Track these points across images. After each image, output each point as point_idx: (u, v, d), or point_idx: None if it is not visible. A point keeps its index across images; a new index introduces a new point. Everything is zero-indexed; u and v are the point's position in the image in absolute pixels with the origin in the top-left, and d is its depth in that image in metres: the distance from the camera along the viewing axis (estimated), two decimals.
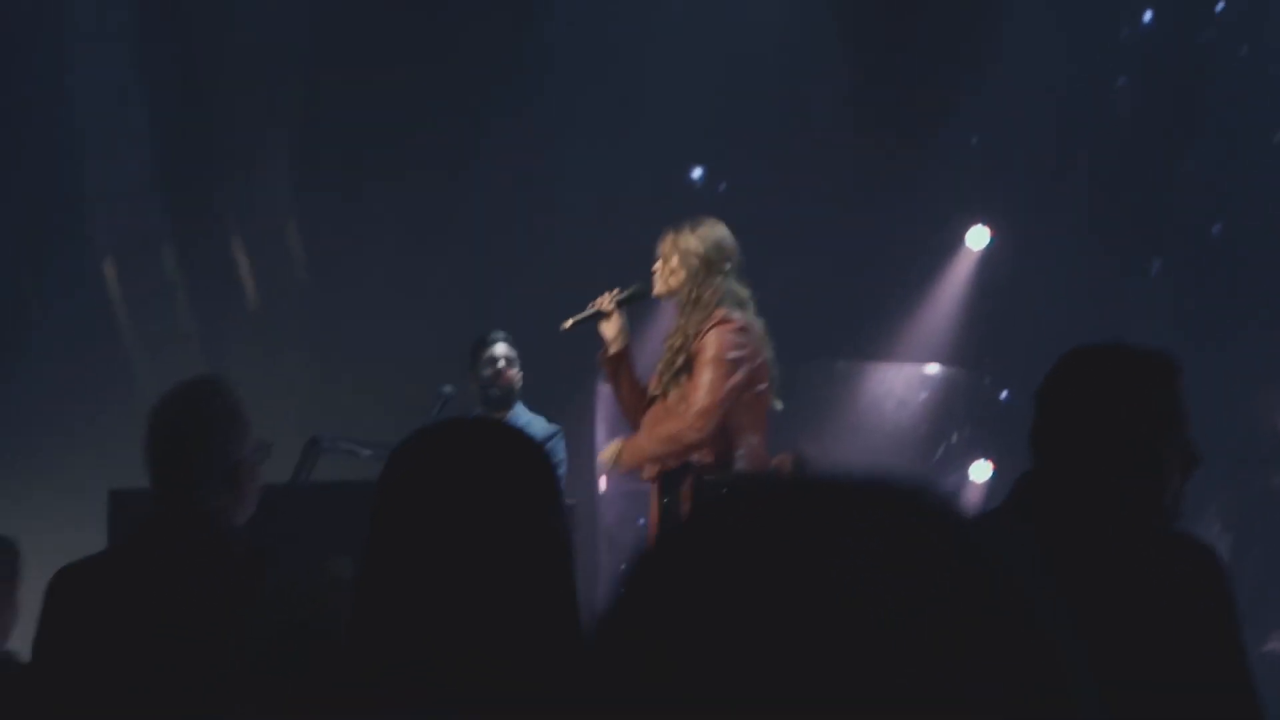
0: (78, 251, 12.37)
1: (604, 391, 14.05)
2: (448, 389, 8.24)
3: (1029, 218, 12.74)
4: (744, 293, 6.96)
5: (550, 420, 8.66)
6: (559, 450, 8.49)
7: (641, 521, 13.63)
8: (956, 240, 13.18)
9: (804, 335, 13.45)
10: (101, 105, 12.36)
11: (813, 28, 12.71)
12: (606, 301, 6.94)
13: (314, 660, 3.53)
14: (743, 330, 6.78)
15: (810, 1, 12.76)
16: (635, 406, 6.93)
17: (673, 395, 6.71)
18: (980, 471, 12.87)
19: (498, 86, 12.67)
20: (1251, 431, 11.69)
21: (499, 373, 8.51)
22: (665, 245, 6.84)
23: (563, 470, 8.54)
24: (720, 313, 6.76)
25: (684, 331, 6.75)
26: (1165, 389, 3.30)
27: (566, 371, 10.81)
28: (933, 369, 13.20)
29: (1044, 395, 3.31)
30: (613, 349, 6.96)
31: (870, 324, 13.11)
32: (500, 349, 8.59)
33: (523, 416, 8.47)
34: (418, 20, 12.56)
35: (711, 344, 6.69)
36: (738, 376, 6.69)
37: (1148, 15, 13.28)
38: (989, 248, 13.01)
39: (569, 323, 7.04)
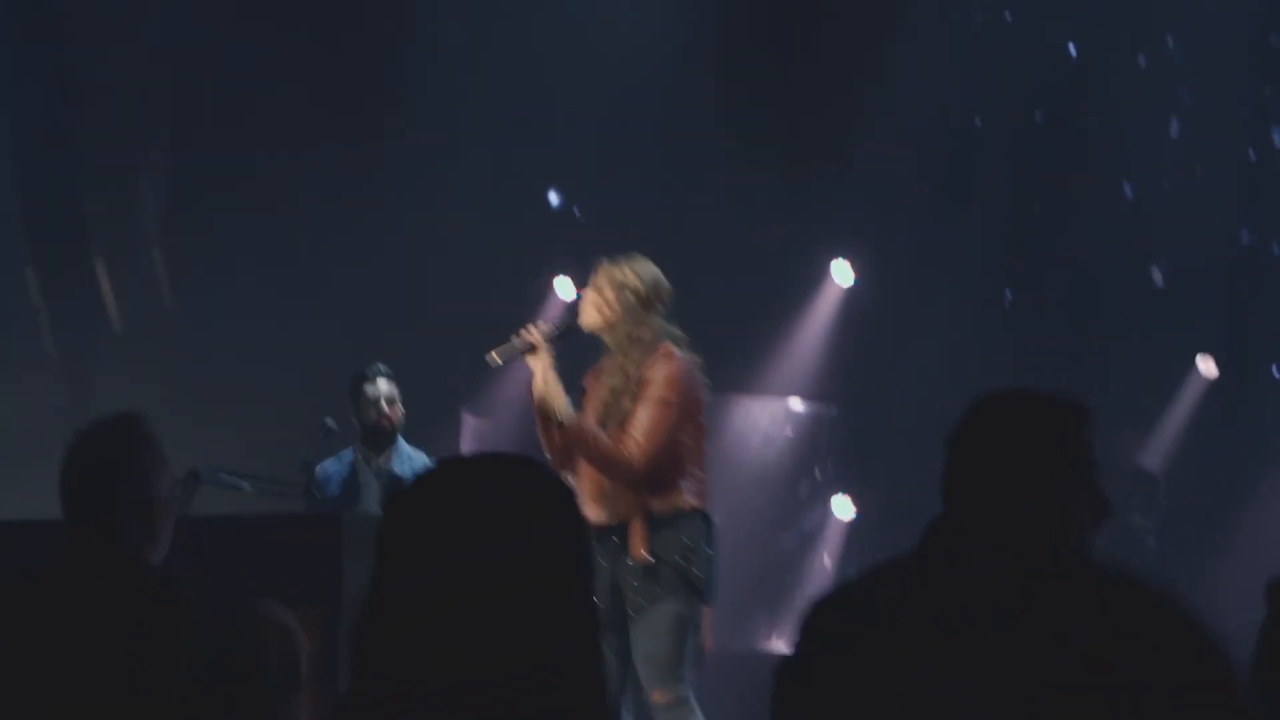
0: None
1: (469, 423, 14.06)
2: (330, 422, 8.17)
3: (894, 252, 12.85)
4: (677, 331, 6.98)
5: (430, 456, 8.60)
6: None
7: None
8: (822, 274, 13.24)
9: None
10: None
11: (692, 51, 12.72)
12: (535, 334, 6.76)
13: (238, 703, 3.52)
14: (688, 367, 6.82)
15: (693, 22, 12.75)
16: (565, 448, 6.78)
17: (612, 432, 6.68)
18: (843, 508, 12.95)
19: (374, 110, 12.64)
20: (1112, 471, 11.84)
21: (382, 413, 8.41)
22: (599, 277, 6.80)
23: None
24: (665, 347, 6.78)
25: (624, 371, 6.72)
26: (1075, 435, 3.33)
27: (431, 403, 10.80)
28: (796, 404, 13.28)
29: (954, 440, 3.34)
30: (545, 386, 6.74)
31: (736, 358, 13.14)
32: (383, 387, 8.47)
33: (405, 451, 8.41)
34: (291, 45, 12.47)
35: (659, 381, 6.70)
36: (676, 415, 6.70)
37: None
38: (856, 282, 13.08)
39: (495, 356, 6.79)
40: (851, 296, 13.09)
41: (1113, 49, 13.23)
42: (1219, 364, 13.52)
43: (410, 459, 8.38)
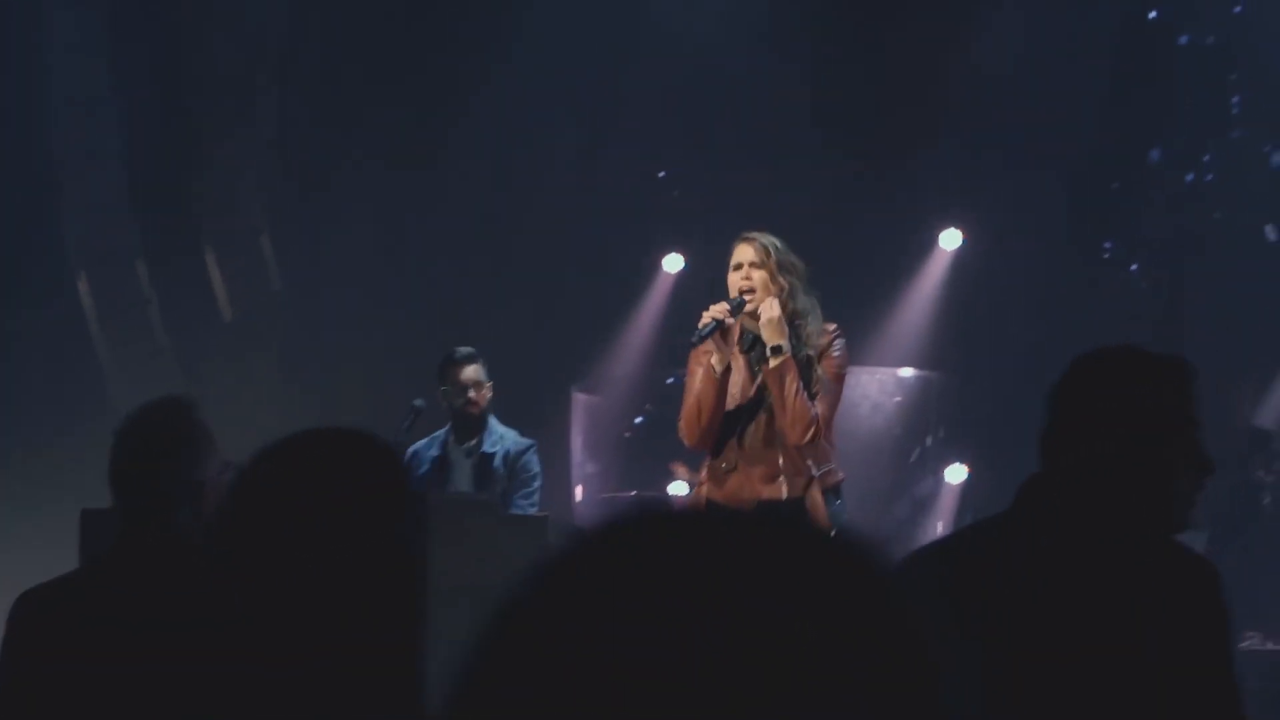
0: (52, 265, 12.35)
1: (579, 401, 14.12)
2: (419, 402, 8.21)
3: (1002, 219, 12.78)
4: None
5: (523, 434, 8.63)
6: (533, 464, 8.46)
7: None
8: (930, 243, 13.22)
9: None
10: (76, 118, 12.34)
11: (784, 34, 12.74)
12: (723, 312, 6.68)
13: None
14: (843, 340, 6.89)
15: (782, 12, 12.79)
16: (719, 431, 6.69)
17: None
18: (955, 474, 12.90)
19: (470, 93, 12.72)
20: (1227, 427, 11.72)
21: (470, 401, 8.42)
22: (755, 252, 6.78)
23: (538, 483, 8.53)
24: (833, 326, 6.89)
25: (804, 342, 6.71)
26: (1177, 393, 3.25)
27: (539, 384, 10.86)
28: (906, 372, 13.22)
29: (1054, 398, 3.28)
30: (726, 358, 6.67)
31: (842, 328, 13.10)
32: (470, 373, 8.46)
33: (496, 431, 8.43)
34: (389, 32, 12.57)
35: (837, 359, 6.85)
36: (843, 393, 6.95)
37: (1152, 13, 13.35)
38: (961, 249, 13.05)
39: (701, 336, 6.70)
40: (958, 263, 13.03)
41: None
42: None
43: (502, 437, 8.41)
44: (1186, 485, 3.29)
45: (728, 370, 6.65)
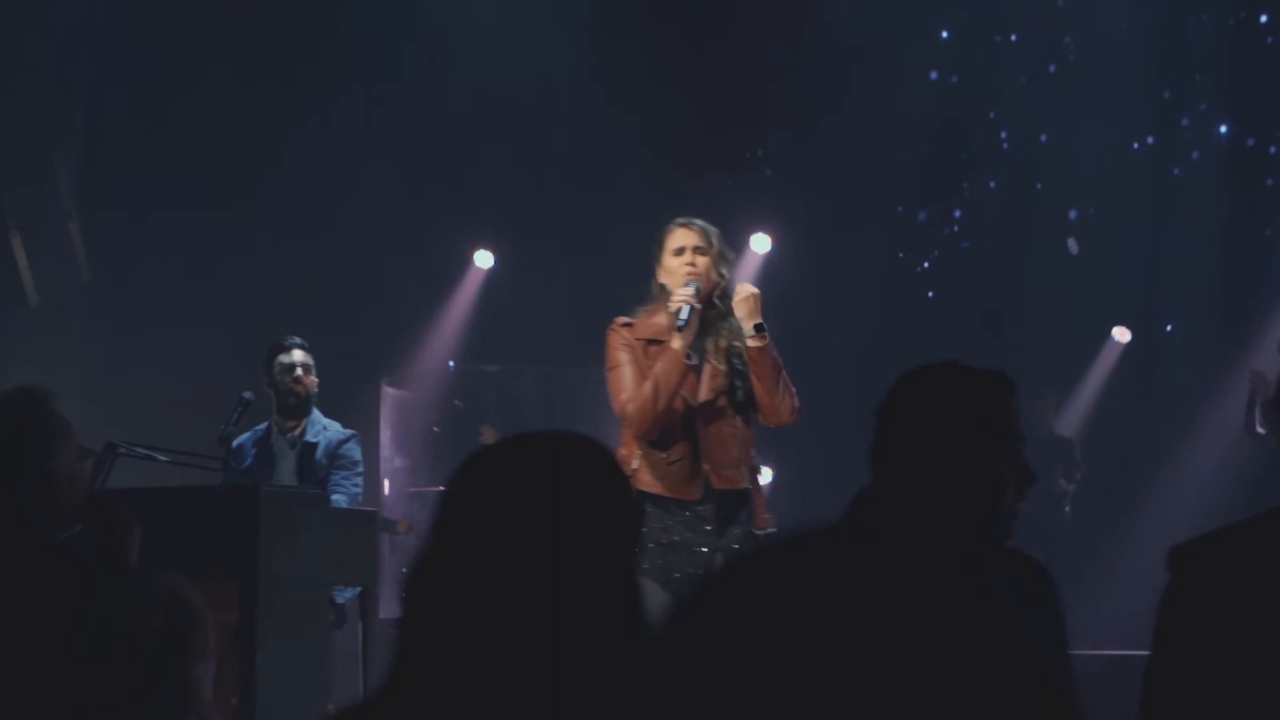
0: None
1: (388, 395, 14.08)
2: (248, 395, 8.12)
3: (810, 226, 13.02)
4: None
5: (345, 425, 8.60)
6: (355, 452, 8.43)
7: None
8: (740, 248, 13.37)
9: (595, 341, 13.63)
10: None
11: (604, 42, 12.89)
12: (692, 297, 6.22)
13: (131, 674, 3.53)
14: None
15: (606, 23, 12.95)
16: (675, 420, 6.30)
17: (743, 391, 6.32)
18: (761, 477, 13.02)
19: (289, 87, 12.68)
20: (1030, 437, 11.98)
21: (297, 380, 8.37)
22: (698, 237, 6.38)
23: (360, 469, 8.49)
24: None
25: (735, 332, 6.31)
26: (1000, 406, 3.34)
27: (349, 377, 10.82)
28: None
29: (882, 411, 3.36)
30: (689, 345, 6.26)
31: None
32: (298, 356, 8.42)
33: (319, 422, 8.39)
34: (212, 24, 12.50)
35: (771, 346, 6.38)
36: None
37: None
38: (770, 254, 13.24)
39: (680, 339, 6.19)
40: (769, 267, 13.20)
41: None
42: (1135, 330, 13.79)
43: (325, 428, 8.37)
44: (1010, 496, 3.38)
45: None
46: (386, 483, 13.25)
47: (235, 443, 8.23)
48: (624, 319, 6.46)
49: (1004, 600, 1.19)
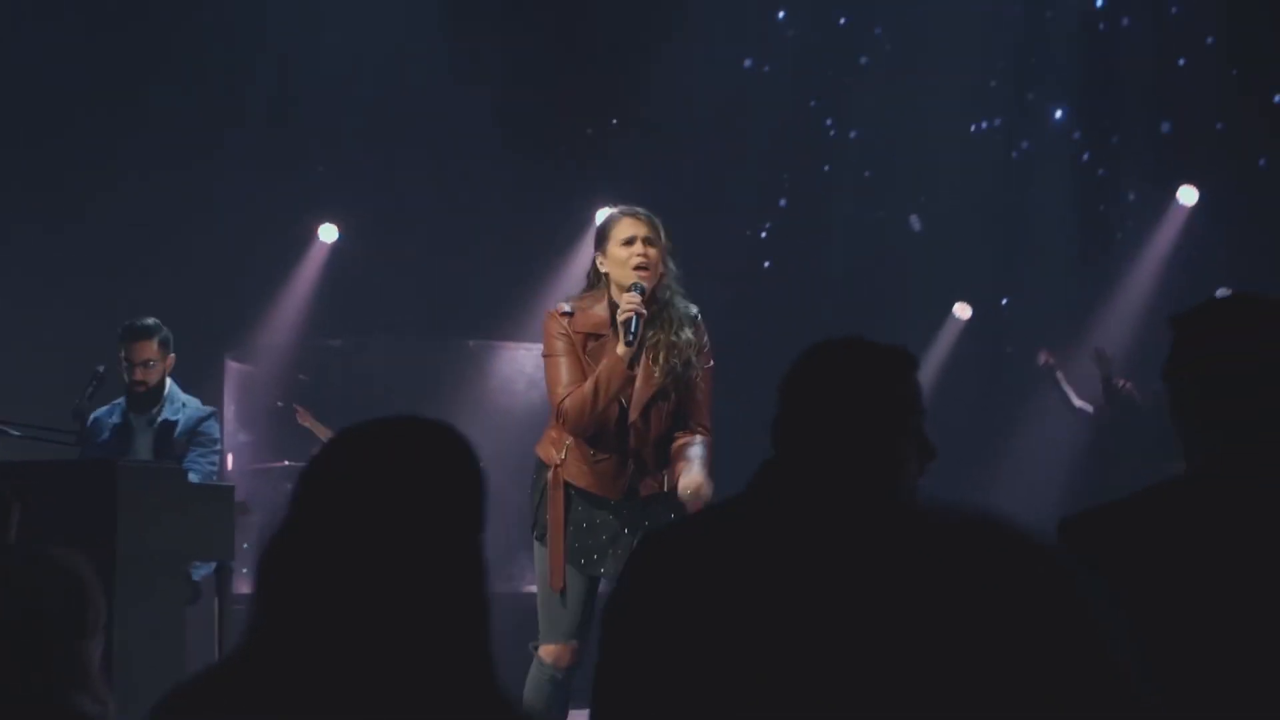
0: None
1: (232, 370, 13.96)
2: (101, 368, 8.00)
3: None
4: None
5: (203, 403, 8.50)
6: (214, 430, 8.34)
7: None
8: (587, 223, 13.41)
9: (440, 316, 13.64)
10: None
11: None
12: (639, 303, 5.99)
13: (21, 650, 3.49)
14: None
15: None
16: (608, 419, 6.10)
17: (675, 395, 6.12)
18: None
19: (143, 72, 12.57)
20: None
21: (139, 381, 8.16)
22: (648, 228, 6.11)
23: (218, 448, 8.42)
24: (695, 310, 6.22)
25: (674, 325, 6.10)
26: (901, 381, 3.39)
27: (192, 350, 10.73)
28: None
29: (784, 386, 3.40)
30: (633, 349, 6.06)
31: (502, 306, 13.29)
32: (140, 350, 8.17)
33: (178, 399, 8.28)
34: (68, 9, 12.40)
35: (708, 353, 6.19)
36: None
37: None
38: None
39: (634, 335, 5.98)
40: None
41: None
42: (977, 306, 14.02)
43: (184, 405, 8.27)
44: (911, 470, 3.44)
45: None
46: (230, 457, 13.13)
47: (91, 417, 8.12)
48: (563, 306, 6.16)
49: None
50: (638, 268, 6.01)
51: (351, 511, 2.39)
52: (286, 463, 13.70)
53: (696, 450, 6.09)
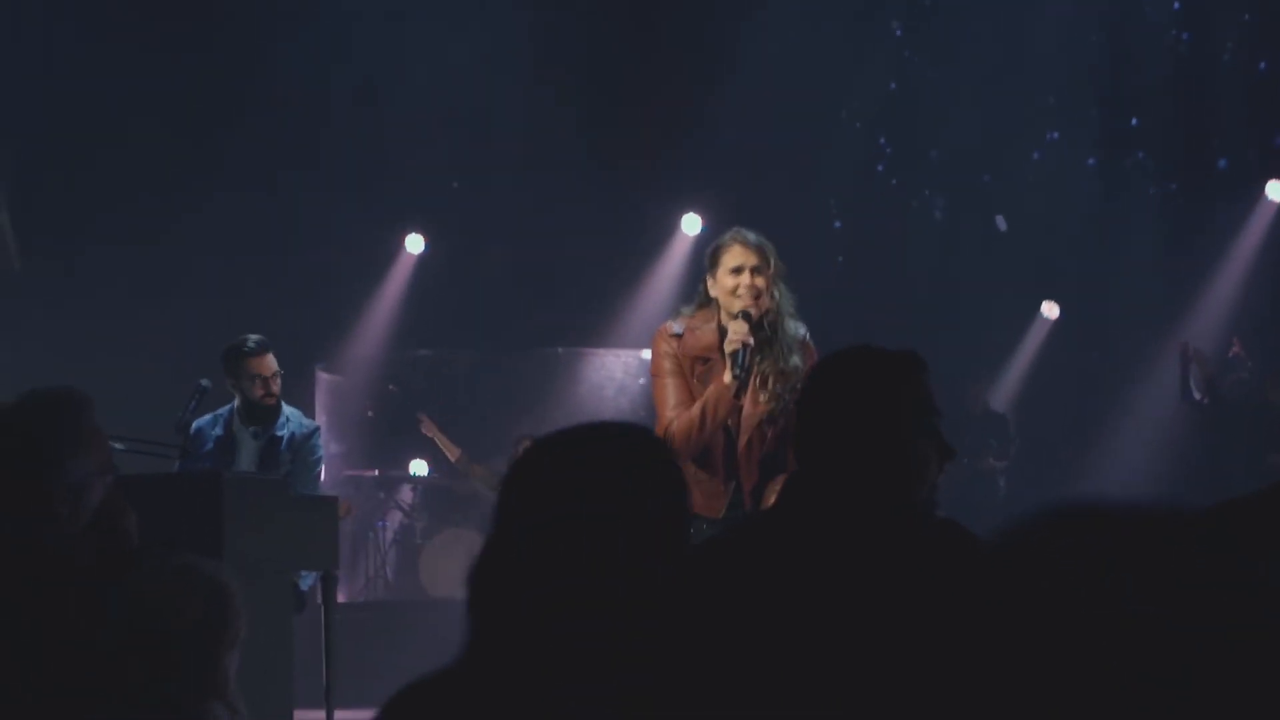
0: None
1: (323, 380, 14.08)
2: (205, 382, 8.06)
3: (735, 207, 13.10)
4: None
5: (307, 415, 8.58)
6: (318, 448, 8.40)
7: (382, 524, 13.76)
8: (671, 230, 13.47)
9: (528, 325, 13.71)
10: None
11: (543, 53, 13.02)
12: (747, 333, 5.95)
13: (179, 661, 3.55)
14: None
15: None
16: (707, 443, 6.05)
17: (783, 420, 6.00)
18: None
19: (228, 92, 12.70)
20: (962, 416, 12.10)
21: (269, 393, 8.23)
22: (757, 257, 6.06)
23: (320, 468, 8.49)
24: (804, 332, 6.14)
25: (783, 352, 6.04)
26: (913, 385, 3.42)
27: (283, 362, 10.86)
28: (649, 354, 13.42)
29: (801, 401, 3.44)
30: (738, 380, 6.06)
31: (589, 314, 13.33)
32: (266, 363, 8.25)
33: (284, 413, 8.33)
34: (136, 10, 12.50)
35: None
36: None
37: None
38: (702, 234, 13.32)
39: (743, 368, 5.93)
40: (699, 247, 13.28)
41: None
42: (1066, 308, 13.97)
43: (289, 420, 8.32)
44: (931, 472, 3.46)
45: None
46: (322, 468, 13.23)
47: (195, 426, 8.18)
48: (673, 326, 6.09)
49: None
50: (744, 298, 5.95)
51: (568, 517, 2.37)
52: (377, 472, 13.84)
53: None
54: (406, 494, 13.97)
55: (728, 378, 5.93)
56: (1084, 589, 1.25)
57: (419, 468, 13.79)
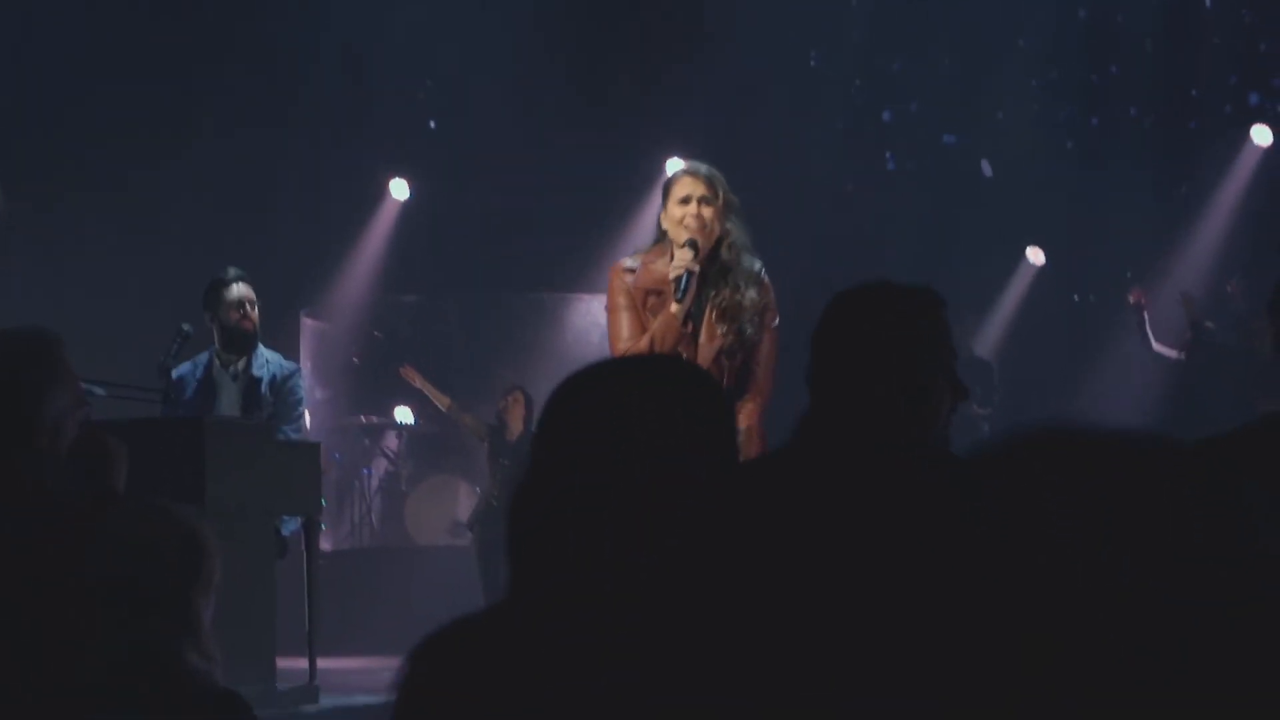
0: None
1: (308, 326, 14.05)
2: (187, 327, 8.06)
3: (720, 148, 13.07)
4: None
5: (287, 358, 8.56)
6: (299, 389, 8.38)
7: (367, 471, 13.77)
8: (657, 174, 13.42)
9: (513, 270, 13.69)
10: None
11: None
12: (690, 259, 5.93)
13: (154, 605, 3.53)
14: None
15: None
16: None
17: (741, 354, 6.02)
18: None
19: (214, 36, 12.68)
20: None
21: (244, 316, 8.27)
22: (704, 187, 6.04)
23: (302, 408, 8.47)
24: (759, 266, 6.13)
25: (739, 285, 6.04)
26: (930, 321, 3.38)
27: (267, 308, 10.84)
28: None
29: (817, 336, 3.39)
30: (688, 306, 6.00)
31: (575, 259, 13.30)
32: (242, 290, 8.30)
33: (263, 354, 8.31)
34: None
35: (774, 310, 6.11)
36: None
37: None
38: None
39: (686, 300, 5.92)
40: None
41: None
42: (1049, 254, 13.97)
43: (269, 361, 8.31)
44: (944, 409, 3.44)
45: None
46: (308, 415, 13.23)
47: (175, 374, 8.16)
48: (625, 261, 6.09)
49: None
50: (690, 227, 5.96)
51: (610, 450, 2.25)
52: (364, 419, 13.84)
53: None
54: (392, 441, 13.97)
55: (674, 308, 5.92)
56: (1068, 515, 1.23)
57: (405, 415, 13.79)
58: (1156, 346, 12.23)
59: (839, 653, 2.67)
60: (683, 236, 5.96)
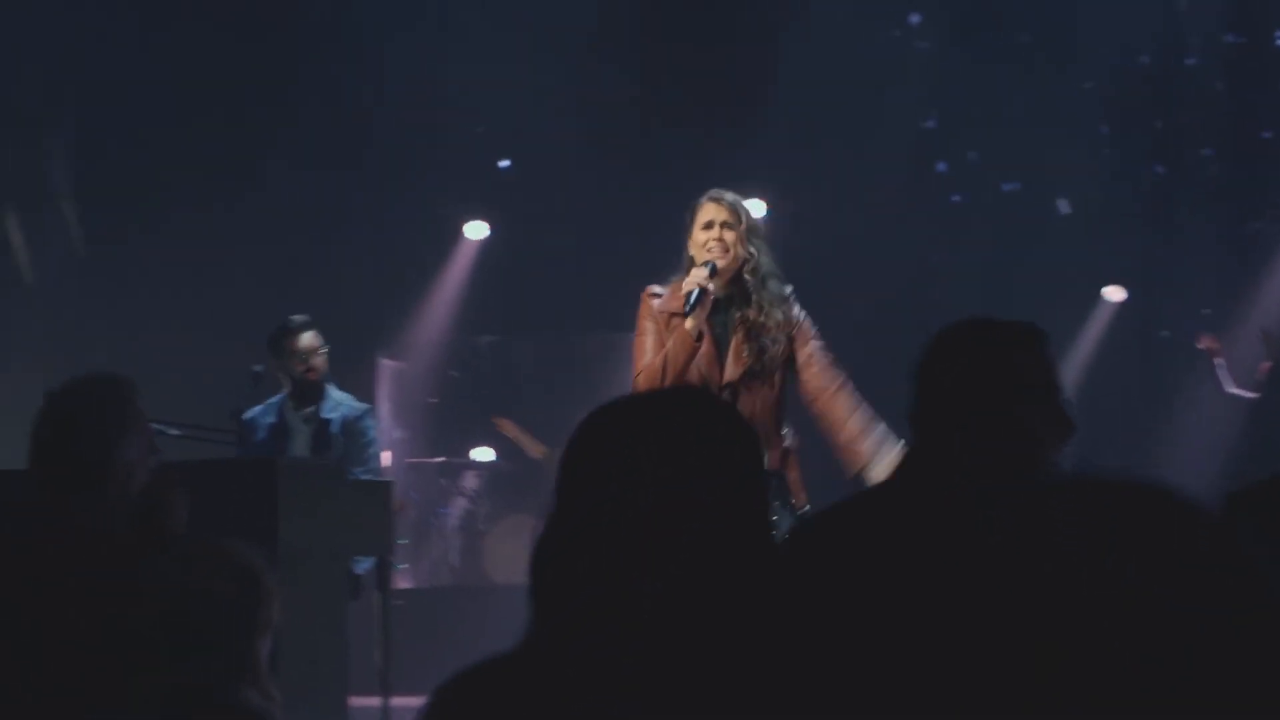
0: None
1: (385, 368, 14.11)
2: (258, 368, 8.11)
3: (799, 192, 13.06)
4: None
5: (358, 399, 8.60)
6: (370, 430, 8.43)
7: (444, 511, 13.81)
8: None
9: (592, 310, 13.71)
10: None
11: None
12: (704, 278, 6.12)
13: (210, 643, 3.56)
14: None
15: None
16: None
17: (780, 381, 6.20)
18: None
19: (287, 68, 12.74)
20: None
21: (310, 368, 8.30)
22: (727, 213, 6.29)
23: (374, 449, 8.51)
24: (789, 290, 6.32)
25: (763, 307, 6.21)
26: (1031, 358, 3.33)
27: (345, 351, 10.90)
28: None
29: (917, 374, 3.36)
30: (701, 324, 6.17)
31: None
32: (307, 340, 8.31)
33: (333, 397, 8.37)
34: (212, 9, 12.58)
35: (810, 325, 6.28)
36: None
37: None
38: (766, 217, 13.27)
39: (692, 319, 6.10)
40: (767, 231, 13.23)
41: None
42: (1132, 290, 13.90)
43: (339, 403, 8.36)
44: (1049, 447, 3.38)
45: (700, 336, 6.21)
46: (387, 455, 13.29)
47: (247, 416, 8.23)
48: (656, 288, 6.35)
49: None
50: (713, 251, 6.18)
51: (635, 489, 2.20)
52: (442, 459, 13.88)
53: (873, 436, 6.16)
54: (470, 480, 14.00)
55: (688, 324, 6.10)
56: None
57: (484, 454, 13.83)
58: (1231, 390, 12.13)
59: (934, 692, 2.65)
60: (703, 259, 6.21)
